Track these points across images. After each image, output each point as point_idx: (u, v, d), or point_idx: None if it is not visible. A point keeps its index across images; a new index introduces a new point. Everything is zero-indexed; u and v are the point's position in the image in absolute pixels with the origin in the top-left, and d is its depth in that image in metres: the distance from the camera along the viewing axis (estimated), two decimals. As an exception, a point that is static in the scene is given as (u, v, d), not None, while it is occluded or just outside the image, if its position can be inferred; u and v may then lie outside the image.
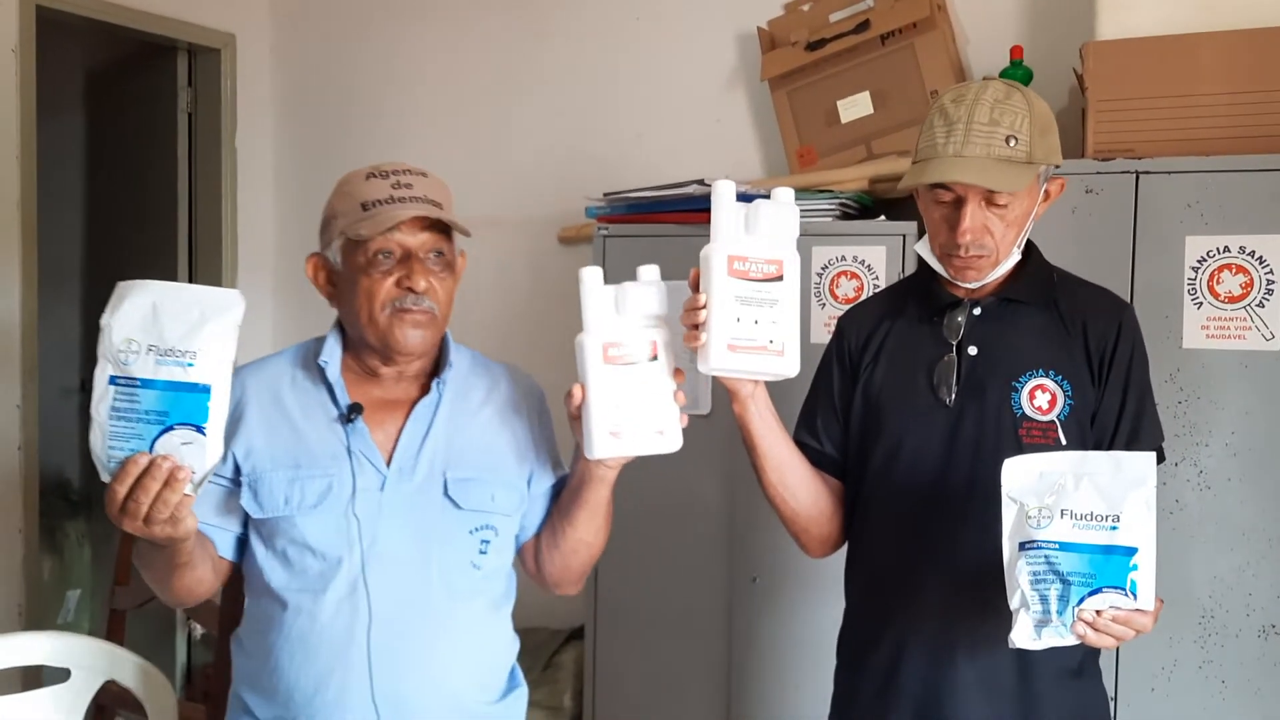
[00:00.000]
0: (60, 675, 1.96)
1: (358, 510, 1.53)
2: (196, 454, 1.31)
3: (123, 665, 1.96)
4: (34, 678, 2.71)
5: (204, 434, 1.31)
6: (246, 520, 1.58)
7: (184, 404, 1.31)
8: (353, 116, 3.75)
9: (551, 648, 3.06)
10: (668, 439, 1.49)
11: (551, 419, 1.72)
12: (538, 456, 1.67)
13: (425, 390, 1.61)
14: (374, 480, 1.55)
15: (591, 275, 1.49)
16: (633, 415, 1.47)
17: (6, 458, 3.19)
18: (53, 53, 3.50)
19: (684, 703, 2.72)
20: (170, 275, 3.81)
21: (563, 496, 1.66)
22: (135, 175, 4.00)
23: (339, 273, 1.59)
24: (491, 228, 3.49)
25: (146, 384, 1.31)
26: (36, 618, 3.28)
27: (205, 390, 1.31)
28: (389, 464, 1.56)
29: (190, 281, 3.82)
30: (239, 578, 1.64)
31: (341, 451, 1.55)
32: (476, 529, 1.59)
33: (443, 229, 1.58)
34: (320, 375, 1.59)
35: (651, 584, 2.74)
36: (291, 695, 1.53)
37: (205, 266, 3.81)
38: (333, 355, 1.60)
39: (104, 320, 1.33)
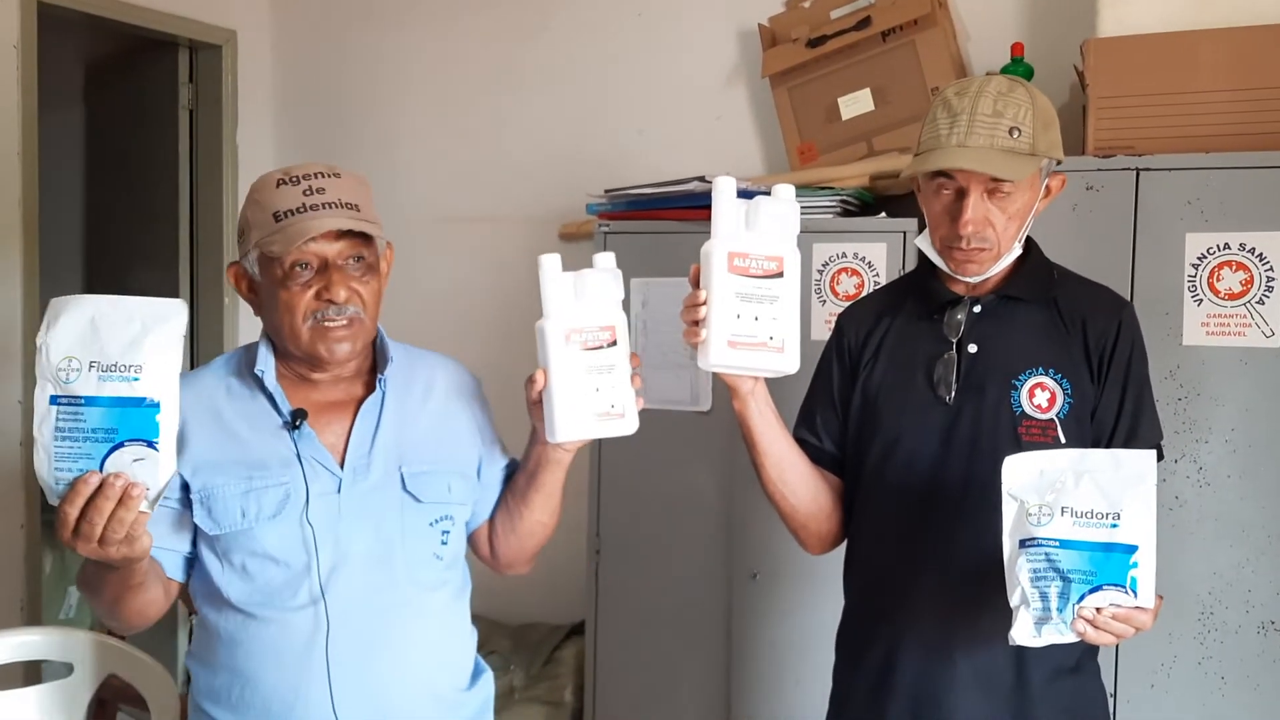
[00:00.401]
0: (62, 670, 1.97)
1: (312, 517, 1.51)
2: (149, 470, 1.27)
3: (124, 660, 1.96)
4: (35, 673, 2.72)
5: (156, 449, 1.27)
6: (194, 539, 1.56)
7: (132, 420, 1.26)
8: (353, 113, 3.75)
9: (552, 643, 3.07)
10: (627, 421, 1.52)
11: (490, 406, 1.73)
12: (484, 443, 1.69)
13: (367, 388, 1.60)
14: (329, 484, 1.54)
15: (550, 262, 1.51)
16: (594, 399, 1.50)
17: (8, 454, 3.19)
18: (54, 48, 3.49)
19: (684, 698, 2.72)
20: (171, 272, 3.82)
21: (517, 481, 1.68)
22: (136, 171, 4.00)
23: (259, 283, 1.57)
24: (492, 224, 3.50)
25: (91, 401, 1.25)
26: (37, 613, 3.28)
27: (154, 405, 1.27)
28: (342, 466, 1.55)
29: (191, 278, 3.84)
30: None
31: (292, 458, 1.53)
32: (436, 520, 1.60)
33: (362, 233, 1.54)
34: (258, 384, 1.57)
35: (651, 580, 2.75)
36: (269, 707, 1.51)
37: (206, 263, 3.81)
38: (267, 363, 1.57)
39: (39, 339, 1.29)
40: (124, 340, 1.28)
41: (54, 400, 1.27)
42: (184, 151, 3.82)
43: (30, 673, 2.72)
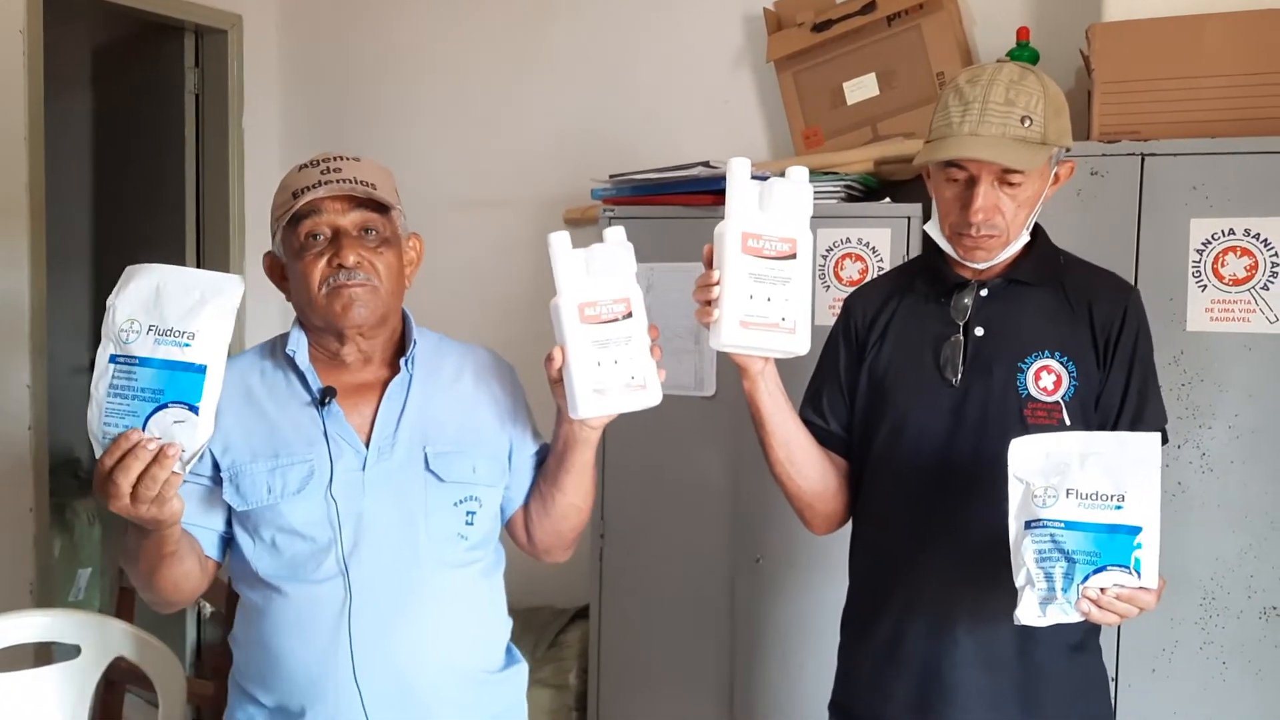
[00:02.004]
0: (71, 652, 1.98)
1: (336, 493, 1.54)
2: (188, 432, 1.32)
3: (132, 642, 1.98)
4: (45, 655, 2.73)
5: (196, 413, 1.32)
6: (229, 519, 1.60)
7: (179, 383, 1.32)
8: (359, 97, 3.75)
9: (556, 627, 3.08)
10: (650, 393, 1.51)
11: (524, 391, 1.74)
12: (515, 426, 1.69)
13: (394, 372, 1.63)
14: (354, 461, 1.57)
15: (560, 239, 1.51)
16: (614, 372, 1.49)
17: (17, 437, 3.21)
18: (60, 33, 3.50)
19: (688, 681, 2.74)
20: (178, 256, 3.83)
21: (548, 463, 1.68)
22: (142, 156, 4.01)
23: (285, 263, 1.62)
24: (498, 209, 3.50)
25: (144, 362, 1.32)
26: (47, 595, 3.30)
27: (201, 370, 1.33)
28: (367, 444, 1.58)
29: (198, 262, 3.85)
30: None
31: (318, 436, 1.57)
32: (461, 500, 1.61)
33: (375, 208, 1.59)
34: (290, 365, 1.61)
35: (656, 564, 2.76)
36: (295, 678, 1.54)
37: (212, 247, 3.82)
38: (300, 344, 1.61)
39: (110, 301, 1.36)
40: (182, 308, 1.34)
41: (113, 359, 1.33)
42: (190, 136, 3.83)
43: (40, 654, 2.74)
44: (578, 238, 1.53)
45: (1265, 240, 2.18)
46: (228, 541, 1.62)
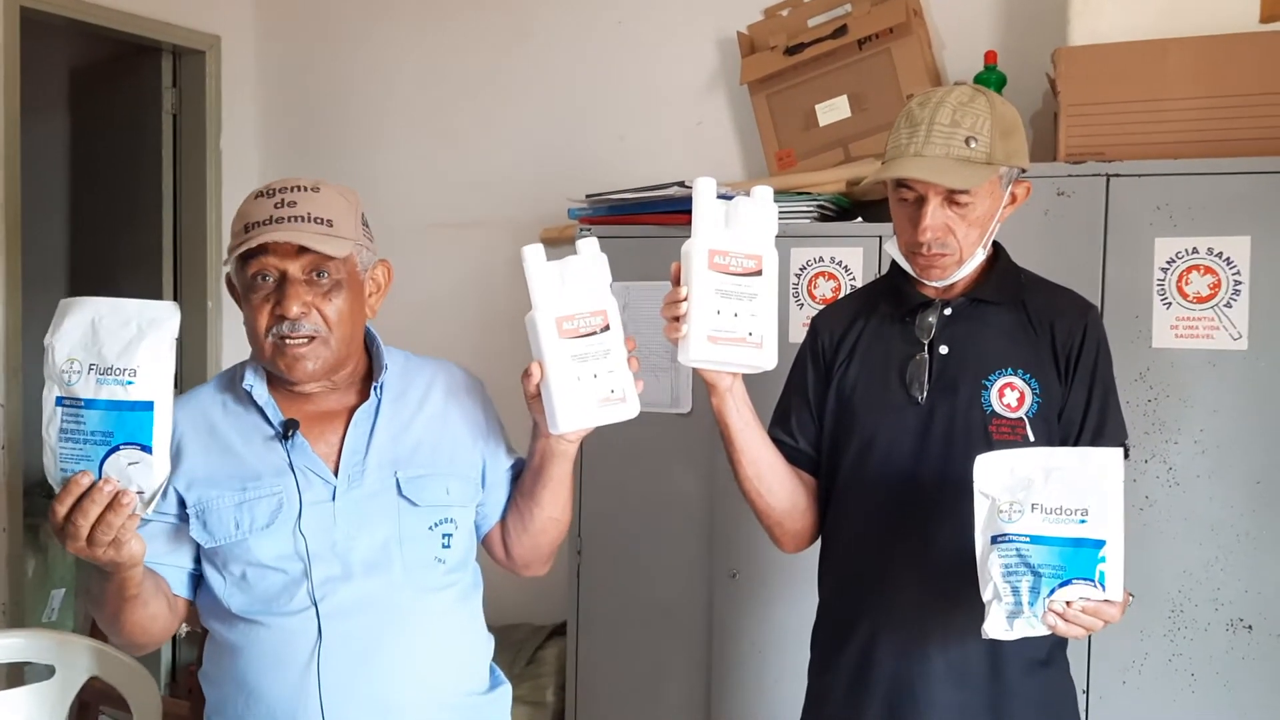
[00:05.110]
0: (44, 673, 1.97)
1: (306, 524, 1.51)
2: (144, 473, 1.29)
3: (106, 662, 1.96)
4: (17, 675, 2.72)
5: (150, 453, 1.29)
6: (198, 555, 1.56)
7: (127, 423, 1.28)
8: (337, 118, 3.77)
9: (534, 644, 3.08)
10: (629, 406, 1.50)
11: (494, 407, 1.72)
12: (488, 442, 1.67)
13: (362, 397, 1.60)
14: (323, 492, 1.54)
15: (533, 252, 1.50)
16: (593, 386, 1.48)
17: (-10, 457, 3.20)
18: (36, 54, 3.50)
19: (665, 697, 2.74)
20: (154, 277, 3.82)
21: (524, 478, 1.67)
22: (120, 176, 4.00)
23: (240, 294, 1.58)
24: (474, 229, 3.52)
25: (90, 404, 1.28)
26: (20, 616, 3.28)
27: (147, 408, 1.29)
28: (336, 474, 1.55)
29: (175, 283, 3.84)
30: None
31: (285, 468, 1.53)
32: (436, 524, 1.59)
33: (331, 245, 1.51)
34: (249, 397, 1.57)
35: (633, 580, 2.77)
36: (271, 715, 1.51)
37: (189, 268, 3.82)
38: (257, 377, 1.58)
39: (47, 340, 1.31)
40: (120, 344, 1.30)
41: (59, 402, 1.30)
42: (168, 157, 3.83)
43: (12, 675, 2.72)
44: (554, 256, 1.53)
45: (1228, 259, 2.22)
46: (198, 579, 1.58)
